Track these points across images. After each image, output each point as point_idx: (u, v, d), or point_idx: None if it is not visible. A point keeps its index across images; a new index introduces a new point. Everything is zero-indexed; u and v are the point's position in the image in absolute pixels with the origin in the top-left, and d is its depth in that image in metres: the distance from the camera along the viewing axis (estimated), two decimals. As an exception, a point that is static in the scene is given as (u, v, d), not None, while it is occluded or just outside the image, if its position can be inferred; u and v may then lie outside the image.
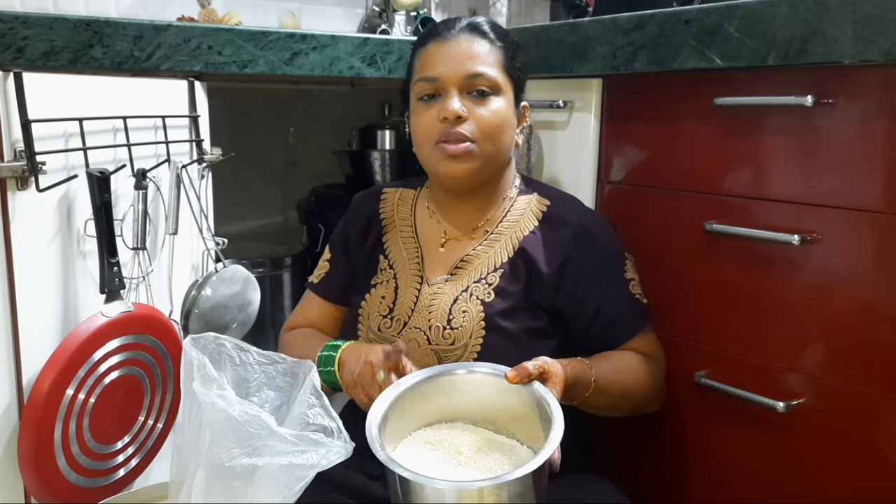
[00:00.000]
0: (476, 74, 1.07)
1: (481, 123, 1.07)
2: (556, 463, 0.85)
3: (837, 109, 0.99)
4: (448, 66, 1.07)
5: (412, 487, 0.80)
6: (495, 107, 1.08)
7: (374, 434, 0.86)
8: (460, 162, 1.07)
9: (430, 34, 1.12)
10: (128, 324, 1.07)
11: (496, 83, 1.08)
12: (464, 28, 1.10)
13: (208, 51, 1.16)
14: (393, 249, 1.18)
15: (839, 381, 1.01)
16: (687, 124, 1.16)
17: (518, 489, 0.80)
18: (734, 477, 1.15)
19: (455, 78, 1.07)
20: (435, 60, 1.09)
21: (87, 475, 1.05)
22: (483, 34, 1.10)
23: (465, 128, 1.06)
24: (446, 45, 1.09)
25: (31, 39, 0.99)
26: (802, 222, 1.03)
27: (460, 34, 1.09)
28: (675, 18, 1.10)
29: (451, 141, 1.06)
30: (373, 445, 0.84)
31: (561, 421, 0.85)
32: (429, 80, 1.08)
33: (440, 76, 1.07)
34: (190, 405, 0.88)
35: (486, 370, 0.97)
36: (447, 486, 0.80)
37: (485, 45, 1.09)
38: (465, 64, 1.07)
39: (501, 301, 1.08)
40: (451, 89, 1.07)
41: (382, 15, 1.99)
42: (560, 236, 1.10)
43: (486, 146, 1.07)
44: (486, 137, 1.07)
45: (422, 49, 1.12)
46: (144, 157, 1.14)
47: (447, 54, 1.08)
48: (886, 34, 0.88)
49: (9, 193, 0.97)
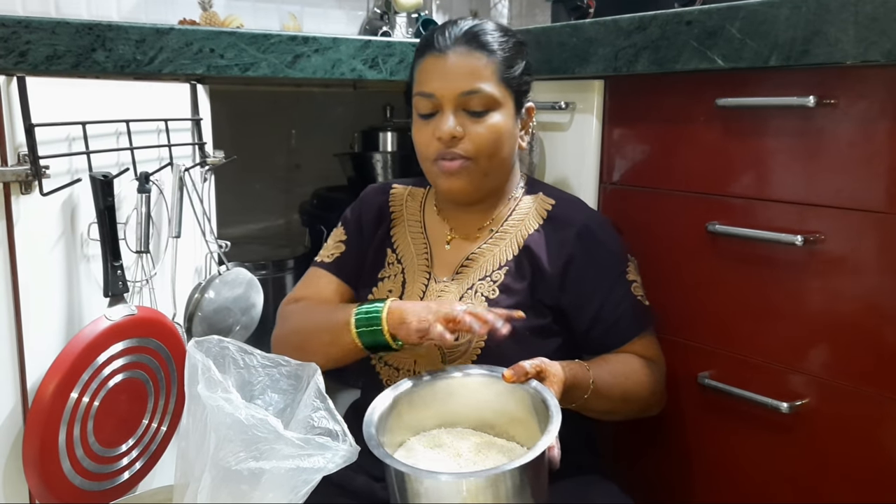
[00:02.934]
0: (472, 91, 1.05)
1: (477, 141, 1.06)
2: (556, 460, 0.85)
3: (840, 110, 0.99)
4: (443, 82, 1.06)
5: (409, 481, 0.81)
6: (492, 122, 1.07)
7: (372, 432, 0.86)
8: (458, 178, 1.07)
9: (427, 45, 1.10)
10: (131, 327, 1.07)
11: (492, 98, 1.06)
12: (460, 39, 1.07)
13: (210, 54, 1.16)
14: (401, 244, 1.18)
15: (843, 381, 1.01)
16: (689, 125, 1.16)
17: (516, 481, 0.79)
18: (737, 478, 1.15)
19: (450, 95, 1.06)
20: (430, 75, 1.07)
21: (92, 478, 1.05)
22: (480, 45, 1.07)
23: (460, 147, 1.06)
24: (442, 59, 1.07)
25: (34, 44, 1.00)
26: (805, 223, 1.03)
27: (456, 47, 1.07)
28: (676, 20, 1.10)
29: (447, 159, 1.07)
30: (370, 443, 0.85)
31: (559, 415, 0.85)
32: (425, 96, 1.08)
33: (436, 92, 1.06)
34: (194, 408, 0.88)
35: (481, 372, 0.97)
36: (444, 477, 0.81)
37: (481, 58, 1.07)
38: (461, 81, 1.05)
39: (506, 298, 1.08)
40: (447, 107, 1.06)
41: (384, 17, 2.00)
42: (564, 236, 1.10)
43: (483, 162, 1.07)
44: (482, 154, 1.07)
45: (420, 60, 1.10)
46: (147, 161, 1.14)
47: (442, 69, 1.07)
48: (888, 35, 0.88)
49: (13, 198, 0.98)
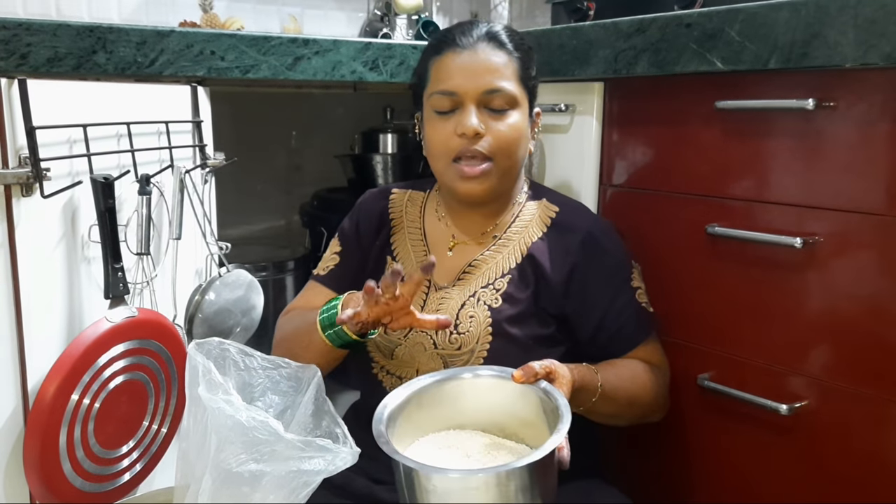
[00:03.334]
0: (495, 90, 1.05)
1: (499, 139, 1.05)
2: (566, 460, 0.85)
3: (839, 112, 0.99)
4: (466, 79, 1.05)
5: (417, 478, 0.80)
6: (512, 121, 1.06)
7: (381, 430, 0.86)
8: (478, 182, 1.06)
9: (445, 41, 1.08)
10: (132, 329, 1.07)
11: (514, 97, 1.06)
12: (482, 37, 1.07)
13: (211, 56, 1.16)
14: (401, 251, 1.18)
15: (842, 383, 1.01)
16: (689, 127, 1.16)
17: (525, 479, 0.79)
18: (738, 480, 1.15)
19: (474, 93, 1.05)
20: (452, 72, 1.06)
21: (92, 480, 1.06)
22: (501, 44, 1.07)
23: (482, 144, 1.05)
24: (464, 55, 1.06)
25: (35, 46, 1.00)
26: (804, 225, 1.03)
27: (478, 44, 1.06)
28: (676, 22, 1.10)
29: (468, 160, 1.05)
30: (379, 440, 0.84)
31: (569, 415, 0.85)
32: (446, 94, 1.06)
33: (458, 90, 1.05)
34: (195, 410, 0.88)
35: (491, 373, 0.97)
36: (452, 474, 0.81)
37: (503, 56, 1.07)
38: (485, 77, 1.05)
39: (509, 307, 1.08)
40: (469, 104, 1.05)
41: (384, 19, 2.00)
42: (568, 243, 1.10)
43: (502, 161, 1.07)
44: (502, 153, 1.06)
45: (437, 57, 1.08)
46: (148, 163, 1.14)
47: (465, 66, 1.05)
48: (887, 38, 0.88)
49: (13, 200, 0.98)
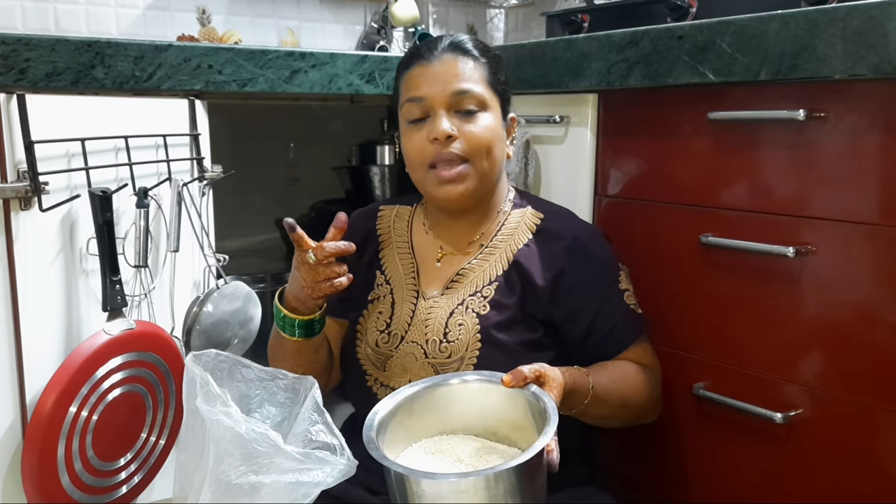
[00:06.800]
0: (462, 91, 1.08)
1: (472, 140, 1.07)
2: (555, 462, 0.85)
3: (829, 123, 1.00)
4: (434, 85, 1.08)
5: (408, 483, 0.81)
6: (484, 122, 1.09)
7: (371, 436, 0.86)
8: (455, 184, 1.08)
9: (413, 56, 1.13)
10: (130, 341, 1.08)
11: (483, 99, 1.09)
12: (447, 48, 1.11)
13: (208, 70, 1.17)
14: (389, 265, 1.19)
15: (836, 391, 1.02)
16: (682, 138, 1.17)
17: (513, 481, 0.80)
18: (733, 488, 1.15)
19: (442, 97, 1.08)
20: (420, 81, 1.09)
21: (90, 492, 1.06)
22: (465, 52, 1.11)
23: (455, 147, 1.07)
24: (431, 65, 1.10)
25: (34, 61, 1.01)
26: (797, 235, 1.04)
27: (444, 54, 1.10)
28: (668, 35, 1.11)
29: (444, 164, 1.07)
30: (369, 447, 0.85)
31: (556, 417, 0.85)
32: (416, 101, 1.09)
33: (426, 95, 1.08)
34: (193, 422, 0.89)
35: (480, 378, 0.97)
36: (441, 478, 0.81)
37: (468, 62, 1.10)
38: (451, 82, 1.08)
39: (497, 314, 1.09)
40: (439, 109, 1.08)
41: (381, 31, 2.02)
42: (554, 249, 1.11)
43: (479, 163, 1.08)
44: (478, 154, 1.08)
45: (406, 72, 1.12)
46: (146, 176, 1.15)
47: (432, 74, 1.09)
48: (875, 49, 0.90)
49: (12, 214, 0.99)
